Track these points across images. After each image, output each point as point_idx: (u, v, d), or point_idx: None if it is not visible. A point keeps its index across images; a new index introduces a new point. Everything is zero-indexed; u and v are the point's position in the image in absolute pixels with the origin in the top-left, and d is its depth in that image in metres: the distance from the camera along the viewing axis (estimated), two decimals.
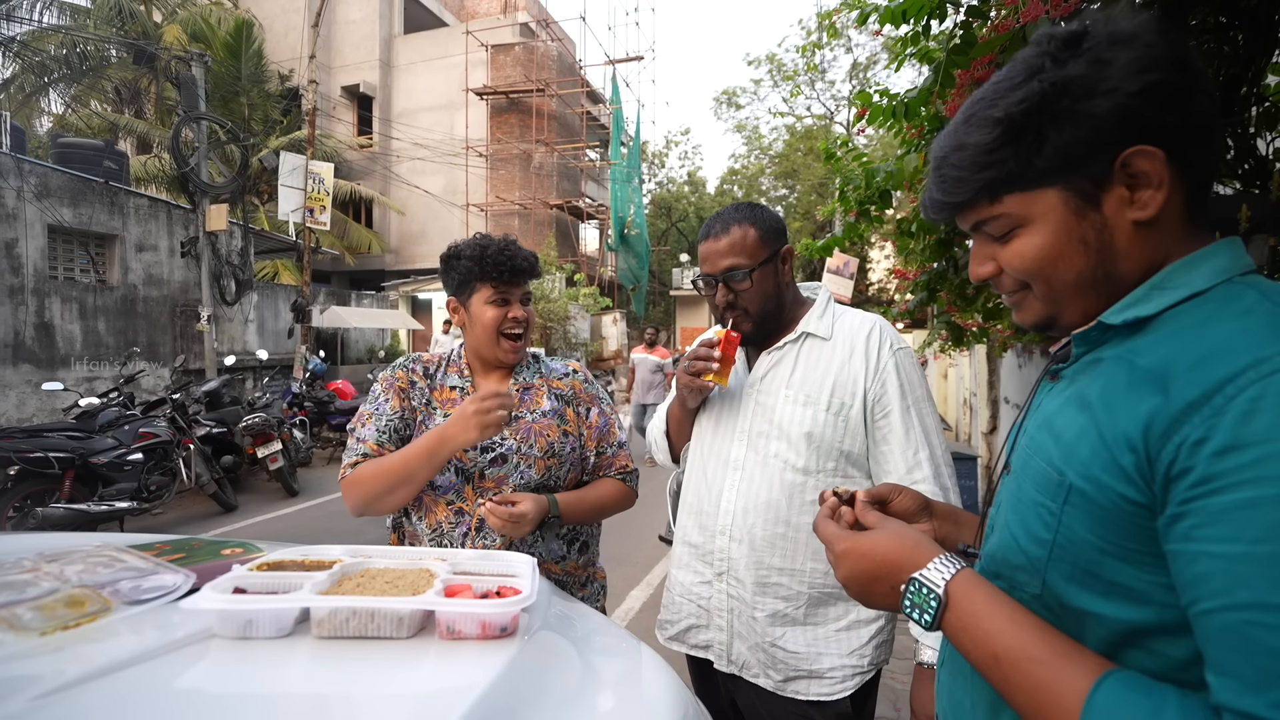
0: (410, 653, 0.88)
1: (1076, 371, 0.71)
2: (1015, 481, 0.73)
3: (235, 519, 6.19)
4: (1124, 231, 0.66)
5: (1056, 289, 0.70)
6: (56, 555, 1.08)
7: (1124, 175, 0.63)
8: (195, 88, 8.91)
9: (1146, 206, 0.64)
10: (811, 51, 19.49)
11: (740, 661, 1.37)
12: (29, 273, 7.91)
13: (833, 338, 1.35)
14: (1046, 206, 0.67)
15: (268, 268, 15.63)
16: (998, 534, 0.74)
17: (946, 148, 0.70)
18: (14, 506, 4.82)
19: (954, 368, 10.92)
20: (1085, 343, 0.70)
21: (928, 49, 2.72)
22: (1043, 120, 0.64)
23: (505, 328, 1.48)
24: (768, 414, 1.34)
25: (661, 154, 33.89)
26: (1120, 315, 0.66)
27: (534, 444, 1.48)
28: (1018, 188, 0.67)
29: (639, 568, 4.89)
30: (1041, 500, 0.66)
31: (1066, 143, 0.64)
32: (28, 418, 7.67)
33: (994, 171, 0.67)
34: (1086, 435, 0.63)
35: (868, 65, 23.03)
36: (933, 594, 0.67)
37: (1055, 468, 0.66)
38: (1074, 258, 0.67)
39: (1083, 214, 0.66)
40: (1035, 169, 0.66)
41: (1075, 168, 0.65)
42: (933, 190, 0.73)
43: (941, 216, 0.74)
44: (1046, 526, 0.66)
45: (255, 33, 16.27)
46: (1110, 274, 0.67)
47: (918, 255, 4.18)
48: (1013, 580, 0.70)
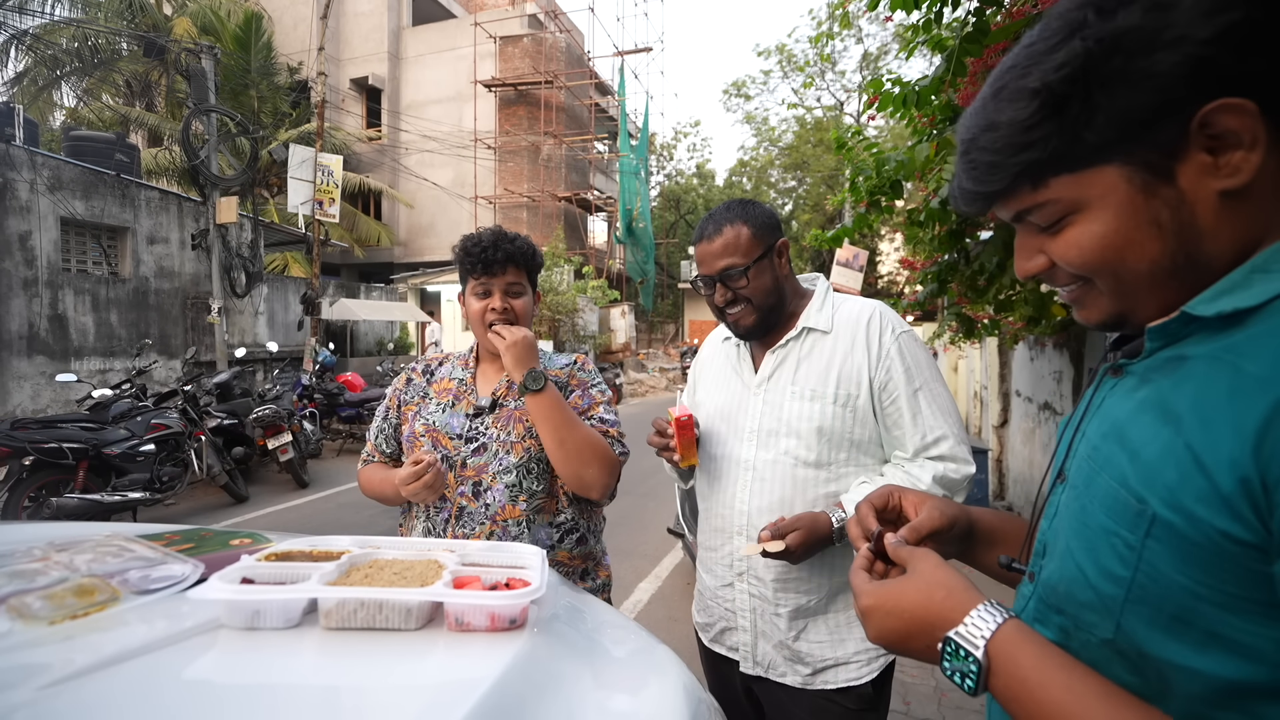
0: (419, 644, 0.88)
1: (1151, 370, 0.59)
2: (1078, 500, 0.61)
3: (246, 510, 6.25)
4: (1208, 205, 0.53)
5: (1127, 281, 0.58)
6: (66, 545, 1.09)
7: (1203, 138, 0.52)
8: (205, 80, 8.93)
9: (1238, 171, 0.52)
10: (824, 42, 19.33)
11: (766, 662, 1.38)
12: (43, 265, 7.98)
13: (833, 330, 1.36)
14: (1105, 187, 0.56)
15: (277, 260, 15.71)
16: (1058, 562, 0.62)
17: (975, 128, 0.59)
18: (29, 496, 4.89)
19: (964, 360, 10.84)
20: (1163, 336, 0.58)
21: (940, 37, 2.68)
22: (1091, 86, 0.53)
23: (487, 319, 1.51)
24: (776, 412, 1.35)
25: (670, 146, 33.79)
26: (1213, 305, 0.53)
27: (511, 430, 1.49)
28: (1066, 168, 0.56)
29: (648, 560, 4.89)
30: (1115, 529, 0.55)
31: (1123, 110, 0.53)
32: (42, 409, 7.76)
33: (1035, 152, 0.56)
34: (1174, 455, 0.52)
35: (879, 55, 22.84)
36: (971, 657, 0.56)
37: (1132, 492, 0.54)
38: (1146, 244, 0.56)
39: (1152, 191, 0.54)
40: (1086, 145, 0.55)
41: (1138, 138, 0.54)
42: (962, 179, 0.62)
43: (975, 208, 0.63)
44: (1123, 562, 0.54)
45: (264, 25, 16.30)
46: (1194, 258, 0.55)
47: (926, 245, 4.14)
48: (1078, 619, 0.58)
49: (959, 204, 0.65)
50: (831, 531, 1.24)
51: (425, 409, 1.56)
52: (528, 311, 1.55)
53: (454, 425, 1.52)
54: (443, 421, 1.53)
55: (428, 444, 1.51)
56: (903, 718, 2.84)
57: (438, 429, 1.52)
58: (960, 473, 1.27)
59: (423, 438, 1.52)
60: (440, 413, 1.54)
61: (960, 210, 0.66)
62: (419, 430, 1.53)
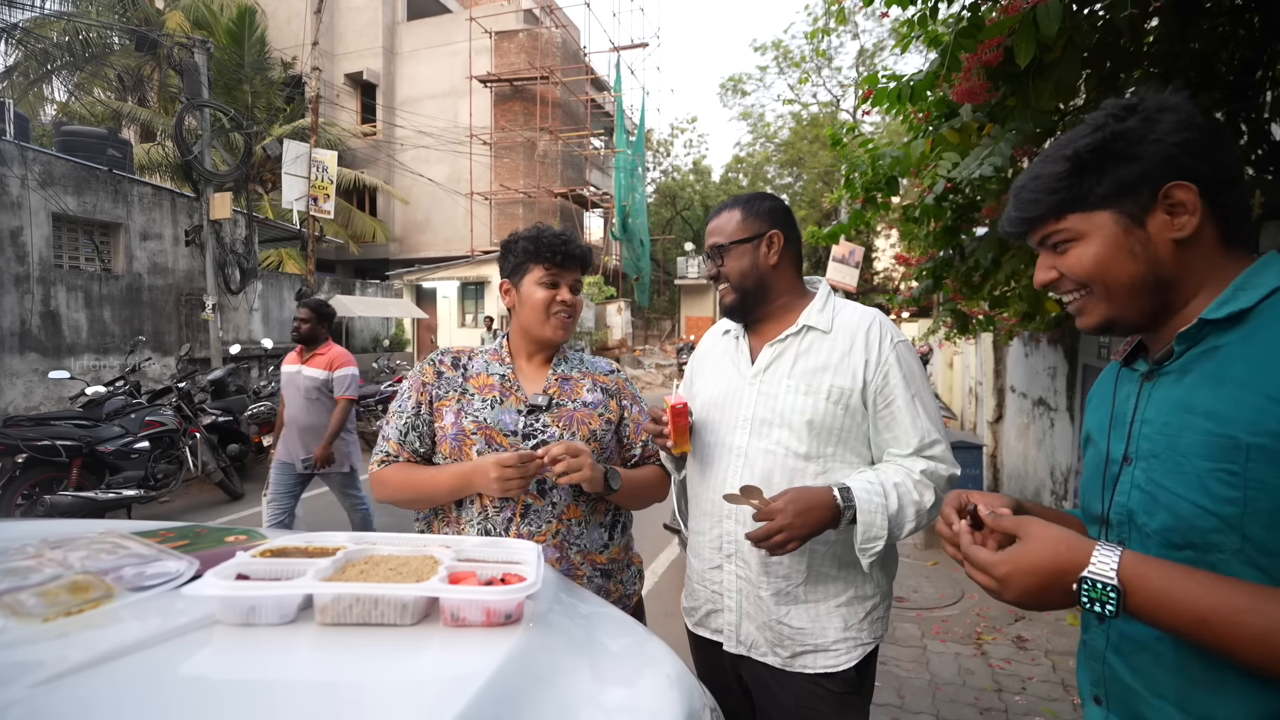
0: (414, 640, 0.88)
1: (1187, 364, 0.82)
2: (1167, 461, 0.80)
3: (241, 507, 6.23)
4: (1166, 247, 0.82)
5: (1114, 289, 0.85)
6: (60, 542, 1.08)
7: (1165, 204, 0.81)
8: (198, 75, 8.87)
9: (1183, 228, 0.81)
10: (820, 38, 19.32)
11: (749, 641, 1.43)
12: (34, 261, 7.92)
13: (833, 330, 1.41)
14: (1100, 224, 0.85)
15: (272, 256, 15.64)
16: (1167, 509, 0.79)
17: (1025, 178, 0.90)
18: (22, 494, 4.87)
19: (959, 356, 10.87)
20: (1187, 340, 0.82)
21: (935, 32, 2.68)
22: (1104, 158, 0.83)
23: (554, 309, 1.53)
24: (770, 403, 1.40)
25: (666, 142, 33.72)
26: (1221, 311, 0.79)
27: (575, 431, 1.51)
28: (1079, 209, 0.85)
29: (643, 555, 4.90)
30: (1216, 466, 0.74)
31: (1121, 176, 0.82)
32: (35, 406, 7.72)
33: (1062, 194, 0.86)
34: (1244, 400, 0.74)
35: (875, 51, 22.83)
36: (1110, 586, 0.71)
37: (1223, 435, 0.74)
38: (1125, 263, 0.84)
39: (1130, 231, 0.83)
40: (1095, 194, 0.84)
41: (1126, 195, 0.83)
42: (1011, 210, 0.91)
43: (1016, 230, 0.92)
44: (1232, 485, 0.73)
45: (258, 19, 16.20)
46: (1161, 279, 0.84)
47: (922, 242, 4.15)
48: (1207, 543, 0.75)
49: (1005, 228, 0.94)
50: (833, 502, 1.25)
51: (469, 405, 1.49)
52: (579, 310, 1.60)
53: (506, 422, 1.48)
54: (494, 418, 1.48)
55: (480, 441, 1.46)
56: (898, 711, 2.85)
57: (490, 426, 1.47)
58: (948, 472, 1.35)
59: (474, 435, 1.46)
60: (489, 409, 1.49)
61: (1005, 233, 0.95)
62: (469, 428, 1.47)
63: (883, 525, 1.27)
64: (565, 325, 1.55)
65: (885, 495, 1.28)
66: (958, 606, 4.02)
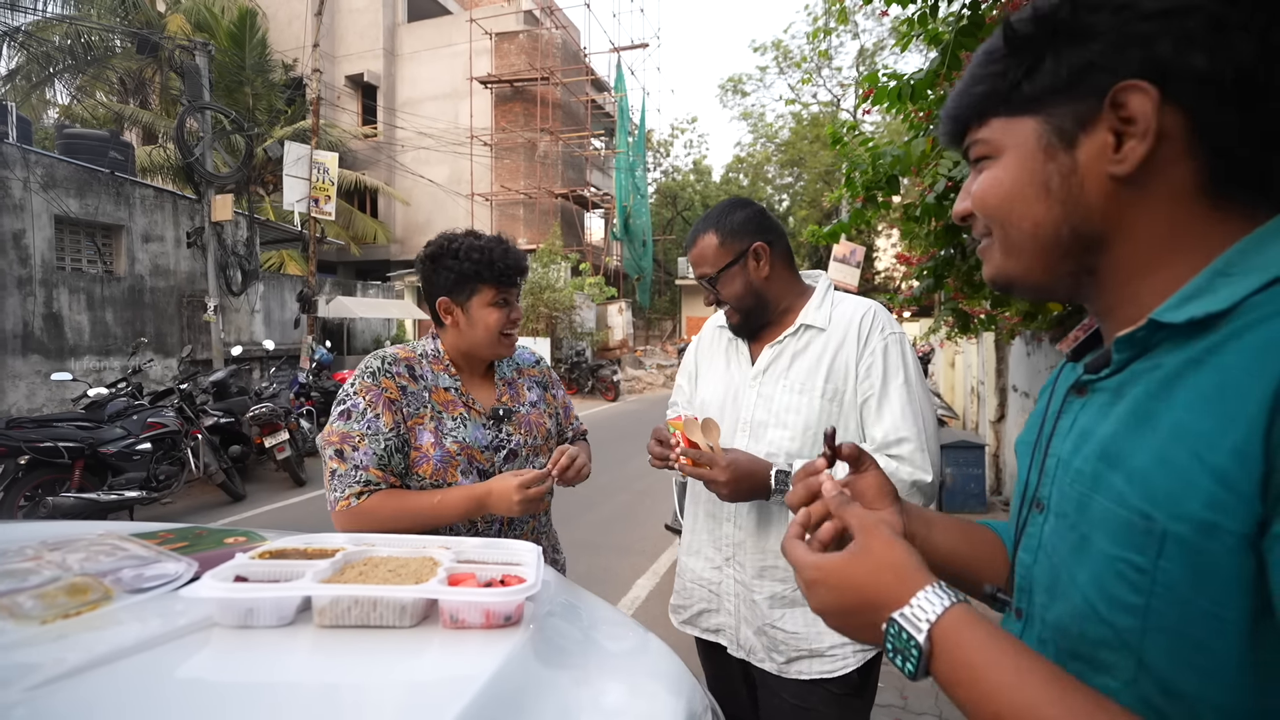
0: (413, 642, 0.87)
1: (1125, 384, 0.56)
2: (1073, 530, 0.58)
3: (243, 508, 6.24)
4: (1097, 186, 0.55)
5: (1012, 238, 0.60)
6: (59, 543, 1.08)
7: (1113, 118, 0.53)
8: (199, 77, 8.88)
9: (1124, 160, 0.53)
10: (820, 37, 19.32)
11: (748, 646, 1.42)
12: (37, 264, 7.94)
13: (830, 326, 1.38)
14: (1020, 137, 0.58)
15: (273, 258, 15.66)
16: (1063, 600, 0.58)
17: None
18: (25, 496, 4.87)
19: (961, 355, 10.86)
20: (1130, 347, 0.55)
21: (935, 31, 2.68)
22: (1047, 33, 0.55)
23: (505, 329, 1.48)
24: (768, 404, 1.39)
25: (667, 143, 33.73)
26: (1181, 311, 0.52)
27: (535, 435, 1.56)
28: (1003, 111, 0.59)
29: (645, 557, 4.89)
30: (1122, 555, 0.52)
31: (1061, 63, 0.54)
32: (37, 408, 7.73)
33: (985, 86, 0.60)
34: (1173, 462, 0.49)
35: (875, 51, 22.82)
36: (914, 640, 0.52)
37: (1134, 510, 0.51)
38: (1031, 203, 0.57)
39: (1052, 154, 0.56)
40: (1022, 93, 0.57)
41: (1061, 97, 0.55)
42: (945, 106, 0.65)
43: (945, 135, 0.66)
44: (1135, 589, 0.51)
45: (259, 22, 16.22)
46: (1082, 236, 0.57)
47: (923, 241, 4.14)
48: (1095, 660, 0.55)
49: (942, 135, 0.67)
50: (766, 482, 1.26)
51: (444, 426, 1.43)
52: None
53: (480, 438, 1.46)
54: (470, 437, 1.44)
55: (464, 462, 1.42)
56: (900, 712, 2.84)
57: (470, 446, 1.43)
58: (912, 476, 1.25)
59: (459, 456, 1.41)
60: (462, 428, 1.45)
61: (943, 142, 0.68)
62: (452, 449, 1.41)
63: None
64: (512, 345, 1.54)
65: None
66: None
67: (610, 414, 13.79)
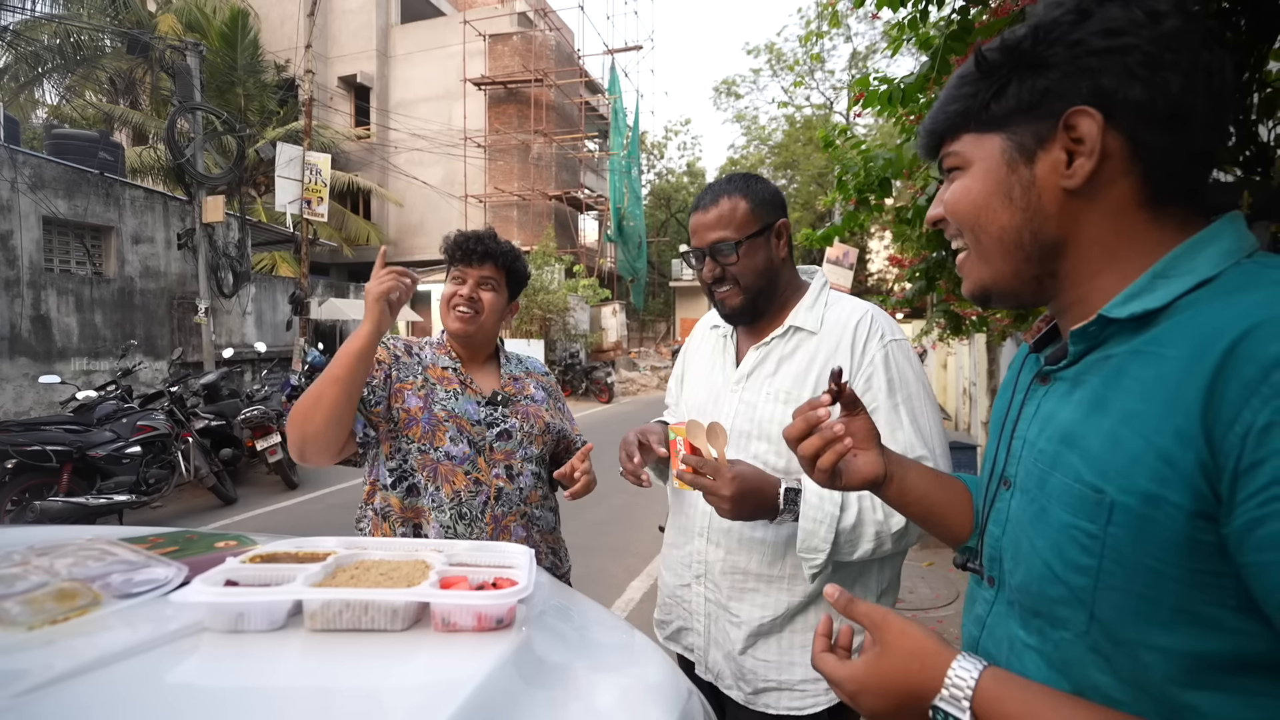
0: (405, 645, 0.87)
1: (1081, 373, 0.64)
2: (1034, 503, 0.65)
3: (234, 512, 6.20)
4: (1053, 197, 0.63)
5: (983, 242, 0.68)
6: (47, 549, 1.07)
7: (1066, 138, 0.61)
8: (190, 78, 8.84)
9: (1073, 176, 0.61)
10: (813, 41, 19.39)
11: (716, 670, 1.33)
12: (24, 265, 7.87)
13: (821, 330, 1.27)
14: (987, 151, 0.66)
15: (265, 260, 15.57)
16: (1024, 565, 0.66)
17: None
18: (12, 500, 4.83)
19: (953, 357, 10.91)
20: (1084, 339, 0.63)
21: (927, 35, 2.69)
22: (1013, 61, 0.63)
23: (453, 302, 1.58)
24: (750, 412, 1.28)
25: (661, 144, 33.78)
26: (1125, 308, 0.60)
27: (533, 423, 1.62)
28: (973, 128, 0.67)
29: (639, 559, 4.89)
30: (1076, 523, 0.59)
31: (1024, 88, 0.63)
32: (25, 411, 7.66)
33: (958, 105, 0.68)
34: (1123, 442, 0.56)
35: (867, 54, 22.91)
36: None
37: (1087, 484, 0.58)
38: (998, 210, 0.66)
39: (1014, 167, 0.64)
40: (990, 113, 0.65)
41: (1023, 117, 0.63)
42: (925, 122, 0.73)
43: (923, 148, 0.74)
44: (1087, 552, 0.58)
45: (251, 22, 16.14)
46: (1042, 241, 0.65)
47: (915, 243, 4.16)
48: (1053, 616, 0.62)
49: (920, 148, 0.75)
50: (774, 501, 1.14)
51: (434, 394, 1.56)
52: (496, 308, 1.61)
53: (471, 412, 1.57)
54: (460, 408, 1.57)
55: (453, 428, 1.54)
56: None
57: (459, 415, 1.56)
58: None
59: (447, 422, 1.54)
60: (453, 399, 1.57)
61: (920, 154, 0.76)
62: (440, 415, 1.54)
63: (826, 538, 1.13)
64: (461, 319, 1.58)
65: (841, 506, 1.14)
66: (953, 607, 4.02)
67: (604, 416, 13.80)
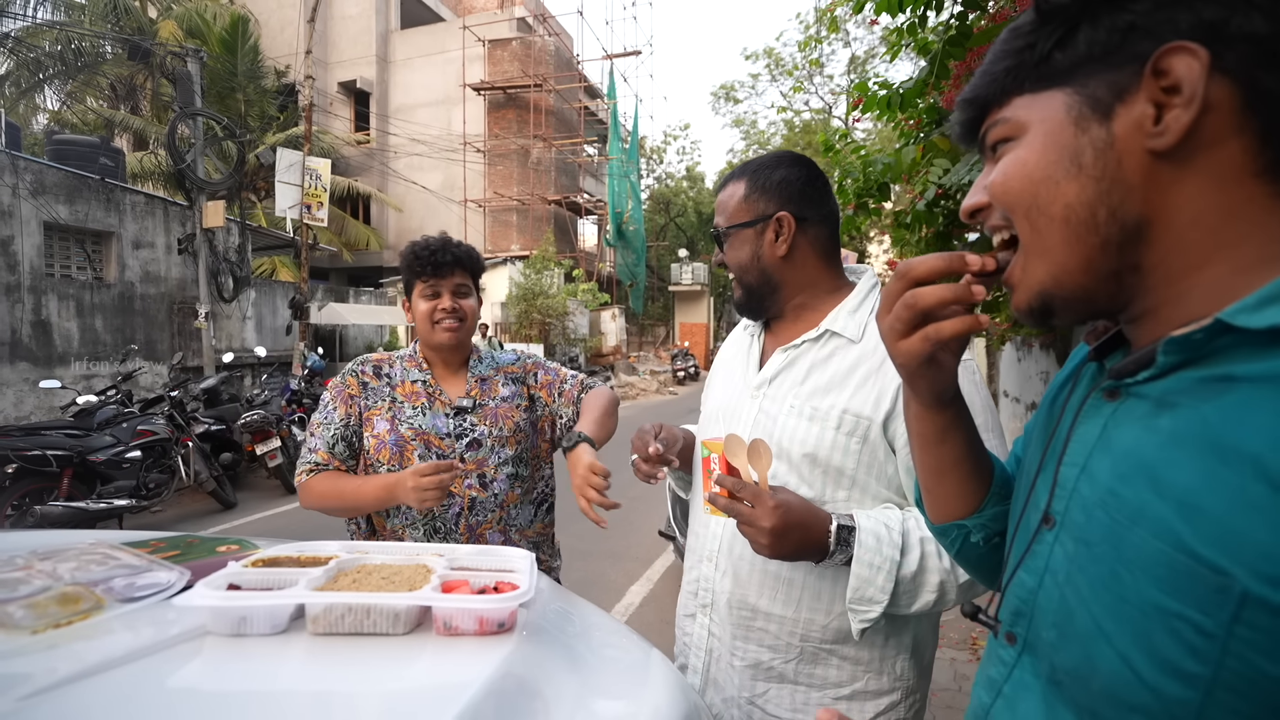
0: (406, 649, 0.87)
1: (1176, 393, 0.47)
2: (1101, 564, 0.48)
3: (234, 516, 6.19)
4: (1136, 162, 0.47)
5: (1043, 230, 0.51)
6: (50, 553, 1.08)
7: (1155, 87, 0.46)
8: (191, 83, 8.86)
9: (1165, 132, 0.45)
10: (812, 46, 19.45)
11: (714, 713, 1.19)
12: (25, 270, 7.88)
13: (864, 339, 1.08)
14: (1046, 111, 0.51)
15: (265, 264, 15.58)
16: (1082, 646, 0.49)
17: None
18: (12, 505, 4.82)
19: None
20: (1185, 350, 0.46)
21: (925, 40, 2.71)
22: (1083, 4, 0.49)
23: (436, 318, 1.57)
24: (769, 424, 1.11)
25: (660, 149, 33.84)
26: (1260, 316, 0.42)
27: (502, 426, 1.60)
28: (1028, 87, 0.52)
29: (639, 563, 4.88)
30: (1180, 610, 0.42)
31: (1096, 30, 0.48)
32: (25, 416, 7.66)
33: (1010, 61, 0.53)
34: (1258, 507, 0.39)
35: (866, 60, 22.97)
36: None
37: (1200, 559, 0.41)
38: (1062, 183, 0.50)
39: (1084, 126, 0.49)
40: (1052, 65, 0.51)
41: (1096, 65, 0.48)
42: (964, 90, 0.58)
43: (961, 123, 0.58)
44: (1197, 656, 0.41)
45: (251, 28, 16.18)
46: (1122, 220, 0.48)
47: (914, 247, 4.17)
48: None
49: (952, 127, 0.61)
50: (824, 541, 0.97)
51: (401, 413, 1.56)
52: (474, 312, 1.63)
53: (440, 426, 1.56)
54: (428, 424, 1.56)
55: (420, 446, 1.53)
56: None
57: (426, 431, 1.55)
58: None
59: (414, 441, 1.53)
60: (421, 416, 1.57)
61: (956, 135, 0.61)
62: (406, 434, 1.54)
63: (884, 587, 0.96)
64: (452, 329, 1.57)
65: (903, 550, 0.96)
66: (953, 611, 4.02)
67: None
